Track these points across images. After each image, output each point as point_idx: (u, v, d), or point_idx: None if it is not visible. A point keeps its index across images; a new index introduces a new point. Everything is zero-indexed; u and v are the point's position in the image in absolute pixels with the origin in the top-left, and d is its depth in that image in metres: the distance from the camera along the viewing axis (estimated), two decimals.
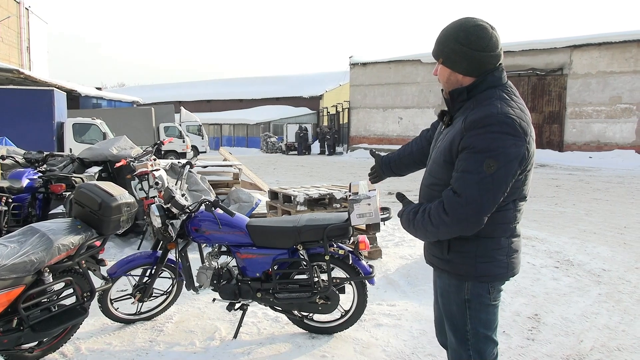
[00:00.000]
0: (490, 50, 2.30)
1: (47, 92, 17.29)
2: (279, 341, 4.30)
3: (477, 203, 2.17)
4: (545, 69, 28.06)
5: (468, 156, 2.19)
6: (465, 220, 2.21)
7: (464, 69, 2.32)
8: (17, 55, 35.04)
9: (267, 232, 4.22)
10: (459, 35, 2.29)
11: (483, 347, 2.49)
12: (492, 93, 2.28)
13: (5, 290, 3.25)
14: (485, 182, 2.15)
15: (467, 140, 2.20)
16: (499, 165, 2.14)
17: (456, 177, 2.23)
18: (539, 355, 4.06)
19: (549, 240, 7.73)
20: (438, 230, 2.29)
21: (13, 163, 7.57)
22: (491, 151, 2.14)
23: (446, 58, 2.35)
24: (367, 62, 35.48)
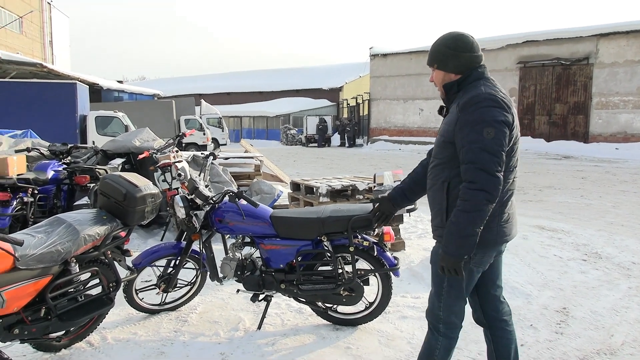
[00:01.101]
0: (473, 51, 2.84)
1: (70, 85, 17.44)
2: (303, 332, 4.29)
3: (489, 163, 2.58)
4: (571, 58, 27.61)
5: (469, 130, 2.63)
6: (487, 182, 2.57)
7: (454, 68, 2.86)
8: (40, 49, 35.46)
9: (291, 223, 4.19)
10: (448, 43, 2.87)
11: (452, 303, 2.91)
12: (477, 83, 2.78)
13: (33, 280, 3.27)
14: (489, 145, 2.58)
15: (463, 119, 2.67)
16: (496, 131, 2.59)
17: (465, 151, 2.63)
18: (568, 349, 3.99)
19: (576, 233, 7.61)
20: (478, 208, 2.59)
21: (38, 155, 7.64)
22: (485, 121, 2.60)
23: (439, 62, 2.90)
24: (388, 53, 35.25)
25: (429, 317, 3.02)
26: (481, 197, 2.57)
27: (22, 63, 20.34)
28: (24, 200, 6.22)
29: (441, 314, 2.93)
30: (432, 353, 3.00)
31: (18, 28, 32.53)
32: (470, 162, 2.60)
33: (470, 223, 2.60)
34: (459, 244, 2.63)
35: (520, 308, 4.76)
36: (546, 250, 6.61)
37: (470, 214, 2.59)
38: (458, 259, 2.64)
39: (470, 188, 2.59)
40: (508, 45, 29.34)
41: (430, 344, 3.01)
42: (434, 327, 2.99)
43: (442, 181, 2.83)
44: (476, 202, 2.58)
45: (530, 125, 29.15)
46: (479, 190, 2.57)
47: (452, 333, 2.97)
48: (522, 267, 5.86)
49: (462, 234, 2.61)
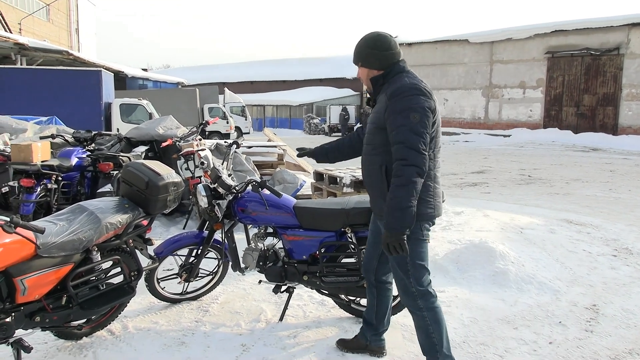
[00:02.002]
0: (391, 49, 3.22)
1: (95, 73, 17.53)
2: (325, 325, 4.23)
3: (416, 143, 2.93)
4: (600, 48, 27.03)
5: (397, 116, 2.99)
6: (416, 158, 2.92)
7: (377, 66, 3.24)
8: (67, 37, 35.81)
9: (315, 214, 4.12)
10: (369, 43, 3.25)
11: (419, 274, 3.20)
12: (401, 75, 3.15)
13: (55, 267, 3.26)
14: (415, 127, 2.95)
15: (391, 107, 3.03)
16: (420, 116, 2.95)
17: (395, 134, 2.99)
18: (599, 348, 3.87)
19: (605, 227, 7.42)
20: (411, 181, 2.92)
21: (62, 142, 7.67)
22: (411, 108, 2.97)
23: (363, 60, 3.28)
24: (413, 43, 34.87)
25: (406, 301, 3.29)
26: (412, 171, 2.92)
27: (48, 50, 20.52)
28: (48, 187, 6.25)
29: (414, 289, 3.20)
30: (427, 332, 3.24)
31: (45, 16, 32.86)
32: (400, 142, 2.96)
33: (406, 196, 2.91)
34: (399, 217, 2.92)
35: (549, 304, 4.65)
36: (575, 245, 6.45)
37: (405, 187, 2.91)
38: (401, 232, 2.94)
39: (402, 165, 2.94)
40: (536, 35, 28.85)
41: (420, 325, 3.27)
42: (414, 307, 3.24)
43: (379, 165, 3.17)
44: (409, 176, 2.91)
45: (557, 117, 28.70)
46: (410, 166, 2.92)
47: (431, 303, 3.23)
48: (550, 262, 5.72)
49: (401, 207, 2.91)
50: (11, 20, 26.59)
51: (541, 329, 4.16)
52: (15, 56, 19.81)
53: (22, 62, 20.30)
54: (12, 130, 8.19)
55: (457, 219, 7.57)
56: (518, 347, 3.86)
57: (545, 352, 3.78)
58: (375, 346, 3.73)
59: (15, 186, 6.00)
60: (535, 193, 11.13)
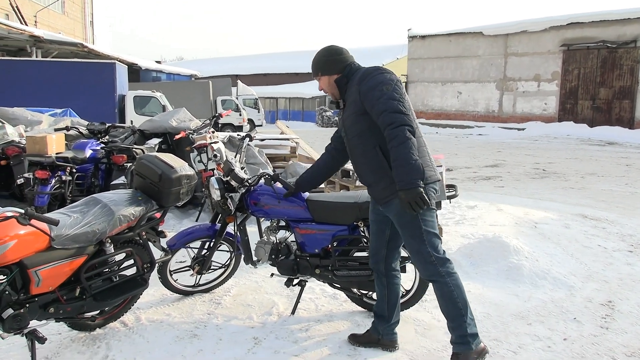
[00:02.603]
0: (344, 53, 3.51)
1: (110, 65, 17.59)
2: (338, 319, 4.22)
3: (397, 106, 3.12)
4: (617, 41, 26.68)
5: (372, 92, 3.19)
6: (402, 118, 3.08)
7: (336, 70, 3.49)
8: (81, 30, 35.95)
9: (327, 208, 4.10)
10: (322, 53, 3.54)
11: (434, 240, 3.30)
12: (359, 71, 3.42)
13: (69, 259, 3.28)
14: (391, 95, 3.15)
15: (363, 88, 3.25)
16: (392, 85, 3.19)
17: (376, 106, 3.16)
18: (614, 345, 3.83)
19: (621, 222, 7.34)
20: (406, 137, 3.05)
21: (77, 134, 7.71)
22: (381, 82, 3.20)
23: (323, 70, 3.52)
24: (426, 35, 34.65)
25: (426, 272, 3.36)
26: (404, 130, 3.05)
27: (63, 43, 20.61)
28: (63, 179, 6.29)
29: (433, 258, 3.29)
30: (452, 298, 3.31)
31: (60, 8, 32.99)
32: (382, 111, 3.12)
33: (408, 151, 3.02)
34: (409, 171, 3.02)
35: (563, 300, 4.60)
36: (590, 240, 6.39)
37: (403, 144, 3.02)
38: (416, 185, 3.01)
39: (392, 128, 3.07)
40: (551, 28, 28.55)
41: (444, 292, 3.34)
42: (437, 274, 3.31)
43: (373, 147, 3.31)
44: (403, 134, 3.04)
45: (572, 110, 28.43)
46: (400, 126, 3.06)
47: (451, 269, 3.34)
48: (564, 257, 5.67)
49: (408, 162, 3.01)
50: (27, 13, 26.73)
51: (555, 325, 4.12)
52: (31, 48, 19.92)
53: (38, 54, 20.42)
54: (27, 122, 8.26)
55: (471, 213, 7.52)
56: (532, 343, 3.82)
57: (560, 349, 3.74)
58: (387, 340, 3.71)
59: (30, 178, 6.05)
60: (550, 187, 11.04)
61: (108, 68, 17.43)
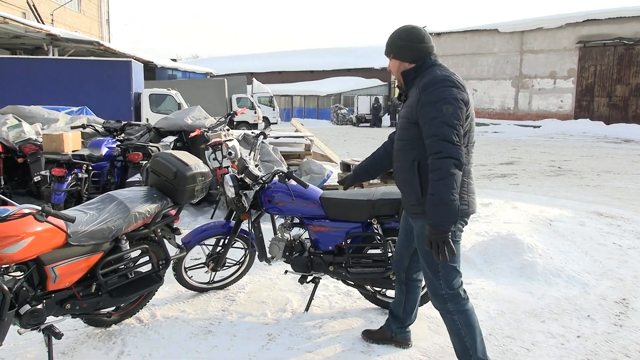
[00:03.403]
0: (424, 42, 3.13)
1: (125, 63, 17.69)
2: (351, 316, 4.23)
3: (450, 135, 2.82)
4: (634, 38, 26.43)
5: (429, 108, 2.89)
6: (451, 149, 2.81)
7: (408, 58, 3.15)
8: (98, 28, 36.23)
9: (341, 205, 4.11)
10: (401, 35, 3.17)
11: (450, 276, 3.10)
12: (432, 69, 3.06)
13: (85, 256, 3.32)
14: (448, 119, 2.84)
15: (423, 99, 2.94)
16: (453, 107, 2.86)
17: (428, 126, 2.89)
18: (628, 342, 3.81)
19: (636, 220, 7.28)
20: (450, 172, 2.79)
21: (93, 132, 7.78)
22: (444, 99, 2.87)
23: (395, 52, 3.19)
24: (442, 32, 34.53)
25: (435, 303, 3.21)
26: (449, 163, 2.80)
27: (79, 41, 20.77)
28: (79, 176, 6.35)
29: (444, 292, 3.12)
30: (459, 336, 3.16)
31: (77, 7, 33.28)
32: (433, 135, 2.85)
33: (447, 189, 2.79)
34: (443, 212, 2.80)
35: (577, 298, 4.58)
36: (605, 237, 6.35)
37: (445, 181, 2.79)
38: (445, 228, 2.81)
39: (437, 158, 2.83)
40: (567, 24, 28.33)
41: (452, 328, 3.19)
42: (444, 310, 3.17)
43: (412, 161, 3.08)
44: (447, 168, 2.80)
45: (589, 107, 28.19)
46: (446, 158, 2.80)
47: (462, 306, 3.14)
48: (579, 255, 5.64)
49: (444, 202, 2.79)
50: (44, 12, 27.00)
51: (569, 323, 4.10)
52: (48, 47, 20.10)
53: (54, 52, 20.59)
54: (44, 120, 8.33)
55: (485, 210, 7.50)
56: (545, 340, 3.82)
57: (573, 346, 3.73)
58: (400, 338, 3.71)
59: (47, 175, 6.12)
60: (565, 185, 10.97)
61: (124, 66, 17.53)
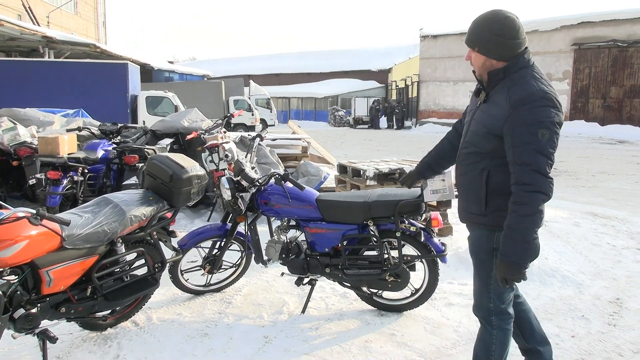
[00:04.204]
0: (519, 37, 2.68)
1: (122, 65, 17.69)
2: (348, 317, 4.24)
3: (544, 166, 2.50)
4: (628, 40, 26.53)
5: (523, 130, 2.52)
6: (543, 184, 2.50)
7: (498, 56, 2.69)
8: (94, 30, 36.19)
9: (337, 207, 4.12)
10: (493, 27, 2.67)
11: (501, 290, 2.82)
12: (525, 73, 2.65)
13: (80, 259, 3.31)
14: (544, 147, 2.50)
15: (517, 117, 2.55)
16: (550, 133, 2.51)
17: (518, 151, 2.53)
18: (622, 342, 3.82)
19: (630, 221, 7.30)
20: (537, 210, 2.51)
21: (89, 134, 7.76)
22: (541, 122, 2.50)
23: (482, 47, 2.71)
24: (438, 35, 34.61)
25: (479, 312, 2.96)
26: (539, 199, 2.51)
27: (76, 43, 20.74)
28: (74, 179, 6.34)
29: (491, 305, 2.86)
30: (489, 349, 2.94)
31: (73, 9, 33.24)
32: (525, 163, 2.52)
33: (532, 226, 2.53)
34: (524, 250, 2.55)
35: (572, 298, 4.59)
36: (599, 238, 6.37)
37: (531, 217, 2.52)
38: (523, 266, 2.57)
39: (526, 190, 2.51)
40: (562, 27, 28.40)
41: (485, 339, 2.96)
42: (487, 320, 2.92)
43: (482, 169, 2.76)
44: (535, 204, 2.51)
45: (583, 109, 28.25)
46: (536, 192, 2.51)
47: (506, 324, 2.90)
48: (574, 255, 5.65)
49: (527, 239, 2.53)
50: (40, 14, 26.96)
51: (564, 323, 4.12)
52: (43, 49, 20.07)
53: (50, 55, 20.57)
54: (40, 123, 8.32)
55: None
56: None
57: (568, 346, 3.74)
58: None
59: (42, 178, 6.10)
60: (561, 186, 10.98)
61: (120, 68, 17.52)
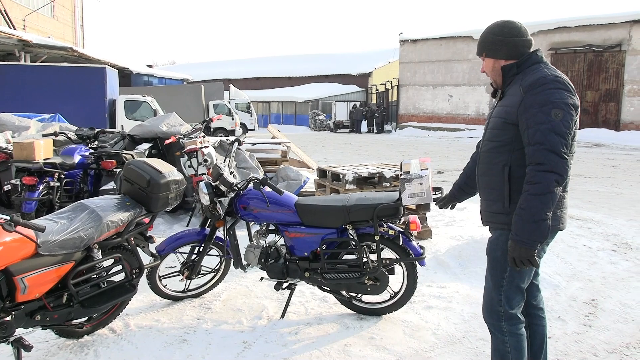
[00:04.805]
0: (522, 35, 2.79)
1: (100, 69, 17.53)
2: (327, 321, 4.23)
3: (557, 145, 2.50)
4: (603, 45, 26.98)
5: (536, 111, 2.55)
6: (556, 163, 2.49)
7: (504, 54, 2.81)
8: (71, 34, 35.82)
9: (316, 211, 4.12)
10: (495, 30, 2.84)
11: (513, 294, 2.79)
12: (538, 67, 2.72)
13: (55, 266, 3.26)
14: (558, 127, 2.51)
15: (530, 99, 2.59)
16: (564, 113, 2.52)
17: (532, 131, 2.55)
18: (597, 342, 3.87)
19: (606, 223, 7.41)
20: (550, 190, 2.50)
21: (65, 139, 7.68)
22: (553, 103, 2.53)
23: (488, 50, 2.86)
24: (418, 39, 34.83)
25: (488, 318, 2.89)
26: (552, 179, 2.49)
27: (53, 47, 20.51)
28: (51, 185, 6.27)
29: (501, 309, 2.81)
30: (505, 358, 2.86)
31: (50, 12, 32.87)
32: (538, 143, 2.53)
33: (542, 207, 2.50)
34: (532, 229, 2.52)
35: (548, 299, 4.63)
36: (575, 240, 6.45)
37: (542, 197, 2.50)
38: (532, 246, 2.53)
39: (539, 170, 2.51)
40: (539, 32, 28.74)
41: (499, 350, 2.88)
42: (496, 327, 2.86)
43: (503, 165, 2.74)
44: (547, 184, 2.49)
45: None
46: (549, 172, 2.49)
47: (517, 329, 2.83)
48: (550, 257, 5.71)
49: (535, 219, 2.51)
50: (15, 17, 26.61)
51: None
52: (20, 53, 19.82)
53: (26, 58, 20.31)
54: (15, 128, 8.21)
55: (460, 214, 7.56)
56: None
57: None
58: None
59: (18, 184, 6.02)
60: None
61: (98, 72, 17.36)
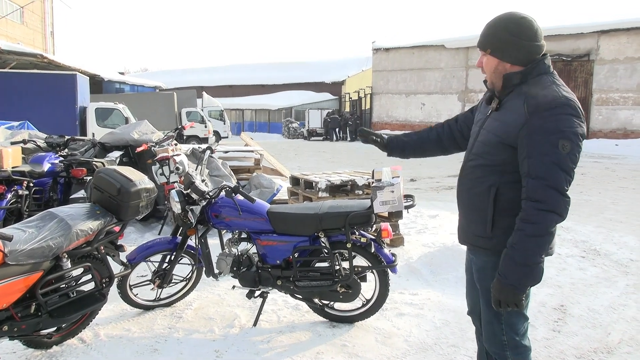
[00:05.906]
0: (537, 40, 2.41)
1: (70, 76, 17.37)
2: (299, 329, 4.23)
3: (561, 182, 2.23)
4: (572, 54, 27.56)
5: (541, 139, 2.24)
6: (557, 202, 2.23)
7: (512, 58, 2.42)
8: (42, 40, 35.37)
9: (288, 219, 4.14)
10: (509, 27, 2.40)
11: (515, 320, 2.54)
12: (545, 79, 2.38)
13: (23, 275, 3.22)
14: (564, 161, 2.23)
15: (535, 124, 2.26)
16: (572, 145, 2.23)
17: (534, 162, 2.25)
18: (565, 347, 3.94)
19: (575, 229, 7.55)
20: (548, 232, 2.26)
21: (34, 147, 7.59)
22: (562, 132, 2.22)
23: (495, 48, 2.44)
24: (390, 48, 35.18)
25: (492, 347, 2.65)
26: (551, 219, 2.24)
27: (22, 54, 20.26)
28: (19, 193, 6.18)
29: (505, 338, 2.57)
30: None
31: (19, 18, 32.44)
32: (539, 177, 2.24)
33: (538, 249, 2.27)
34: (524, 273, 2.28)
35: None
36: None
37: (539, 239, 2.26)
38: (522, 291, 2.31)
39: (538, 209, 2.23)
40: None
41: None
42: (501, 357, 2.62)
43: (489, 185, 2.45)
44: (546, 226, 2.24)
45: None
46: (549, 212, 2.23)
47: (524, 357, 2.60)
48: None
49: (529, 262, 2.27)
50: None
51: None
52: None
53: None
54: None
55: (432, 222, 7.63)
56: None
57: None
58: None
59: None
60: None
61: (69, 79, 17.20)
